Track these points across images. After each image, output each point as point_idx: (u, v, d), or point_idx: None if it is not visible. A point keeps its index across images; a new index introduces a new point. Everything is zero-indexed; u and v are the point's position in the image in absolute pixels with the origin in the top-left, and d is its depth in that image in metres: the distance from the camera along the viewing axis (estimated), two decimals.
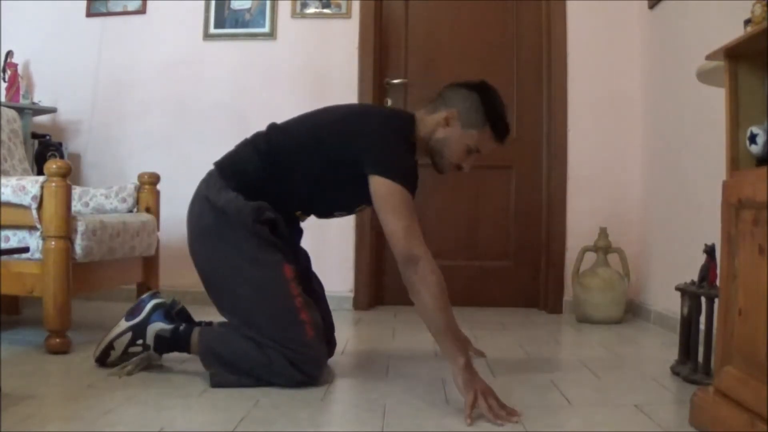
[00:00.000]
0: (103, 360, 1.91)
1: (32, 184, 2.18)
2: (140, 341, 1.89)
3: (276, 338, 1.76)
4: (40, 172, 2.49)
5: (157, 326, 1.89)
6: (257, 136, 1.95)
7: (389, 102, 3.51)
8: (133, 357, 1.89)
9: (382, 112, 1.87)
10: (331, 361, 2.08)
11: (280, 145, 1.87)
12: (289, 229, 1.94)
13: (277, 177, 1.86)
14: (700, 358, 1.92)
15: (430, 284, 1.64)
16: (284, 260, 1.83)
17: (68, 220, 2.19)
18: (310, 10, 3.47)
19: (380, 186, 1.73)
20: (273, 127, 1.95)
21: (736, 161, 1.45)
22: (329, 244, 3.23)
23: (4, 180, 2.23)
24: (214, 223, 1.84)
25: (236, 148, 1.97)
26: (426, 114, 1.91)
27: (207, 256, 1.88)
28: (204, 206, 1.87)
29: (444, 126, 1.86)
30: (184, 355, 1.93)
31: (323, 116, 1.94)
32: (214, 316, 1.93)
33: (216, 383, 1.77)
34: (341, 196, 1.92)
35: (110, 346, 1.90)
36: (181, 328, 1.89)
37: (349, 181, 1.81)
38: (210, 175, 1.94)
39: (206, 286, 1.91)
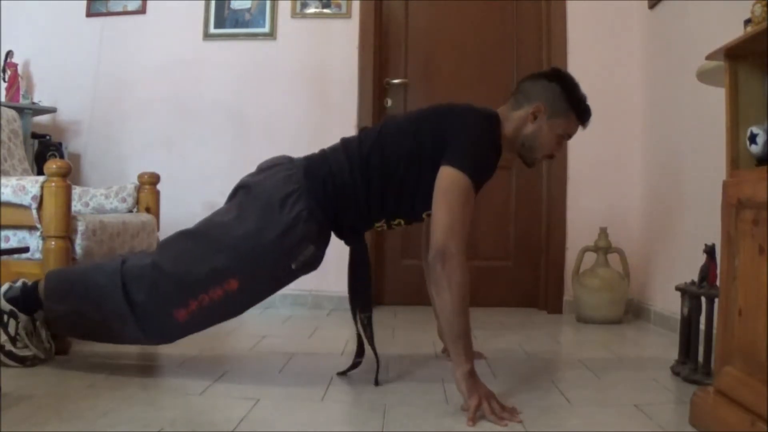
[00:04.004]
0: (12, 357, 1.88)
1: (32, 184, 2.18)
2: (5, 317, 1.87)
3: (161, 288, 1.77)
4: (40, 172, 2.49)
5: (2, 291, 1.91)
6: (347, 141, 1.91)
7: (389, 102, 3.51)
8: (17, 338, 1.88)
9: (474, 109, 1.86)
10: (331, 361, 2.09)
11: (371, 146, 1.83)
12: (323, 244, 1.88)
13: (367, 181, 1.81)
14: (700, 358, 1.92)
15: (454, 286, 1.62)
16: (251, 277, 1.78)
17: (68, 220, 2.18)
18: (310, 10, 3.47)
19: (448, 174, 1.71)
20: (362, 130, 1.93)
21: (736, 161, 1.45)
22: (329, 244, 3.23)
23: (4, 180, 2.23)
24: (264, 210, 1.78)
25: (326, 151, 1.91)
26: (508, 111, 1.90)
27: (236, 209, 1.83)
28: (274, 199, 1.79)
29: (532, 121, 1.86)
30: (184, 355, 1.93)
31: (412, 115, 1.93)
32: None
33: (48, 320, 1.90)
34: (428, 195, 1.79)
35: None
36: (29, 283, 1.94)
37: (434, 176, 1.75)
38: (294, 166, 1.86)
39: (201, 222, 1.90)
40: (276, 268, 1.79)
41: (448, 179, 1.71)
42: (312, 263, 1.83)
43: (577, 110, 1.89)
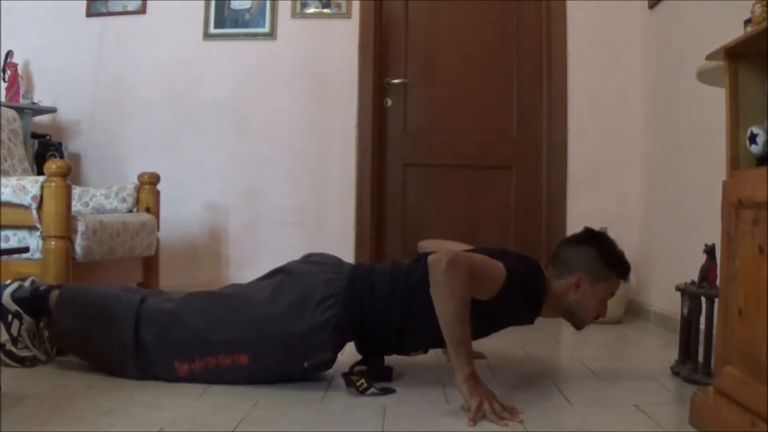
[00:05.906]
0: (12, 357, 1.88)
1: (32, 184, 2.18)
2: (9, 317, 1.86)
3: (172, 330, 1.78)
4: (40, 172, 2.49)
5: (10, 290, 1.89)
6: (397, 266, 1.90)
7: (389, 102, 3.51)
8: (18, 339, 1.87)
9: (526, 255, 1.92)
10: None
11: (418, 281, 1.78)
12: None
13: (408, 311, 1.80)
14: (700, 358, 1.92)
15: (457, 295, 1.60)
16: (262, 358, 1.77)
17: (68, 220, 2.19)
18: (310, 10, 3.47)
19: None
20: (417, 259, 1.90)
21: (736, 161, 1.45)
22: (329, 243, 3.23)
23: (4, 180, 2.23)
24: (299, 303, 1.78)
25: (374, 269, 1.92)
26: (551, 278, 1.89)
27: (270, 290, 1.84)
28: (312, 296, 1.79)
29: (575, 290, 1.86)
30: None
31: None
32: None
33: (51, 331, 1.88)
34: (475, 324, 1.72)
35: None
36: (41, 287, 1.92)
37: (483, 312, 1.73)
38: (341, 271, 1.87)
39: (234, 288, 1.96)
40: (288, 360, 1.79)
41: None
42: (324, 367, 1.83)
43: (618, 270, 1.90)
